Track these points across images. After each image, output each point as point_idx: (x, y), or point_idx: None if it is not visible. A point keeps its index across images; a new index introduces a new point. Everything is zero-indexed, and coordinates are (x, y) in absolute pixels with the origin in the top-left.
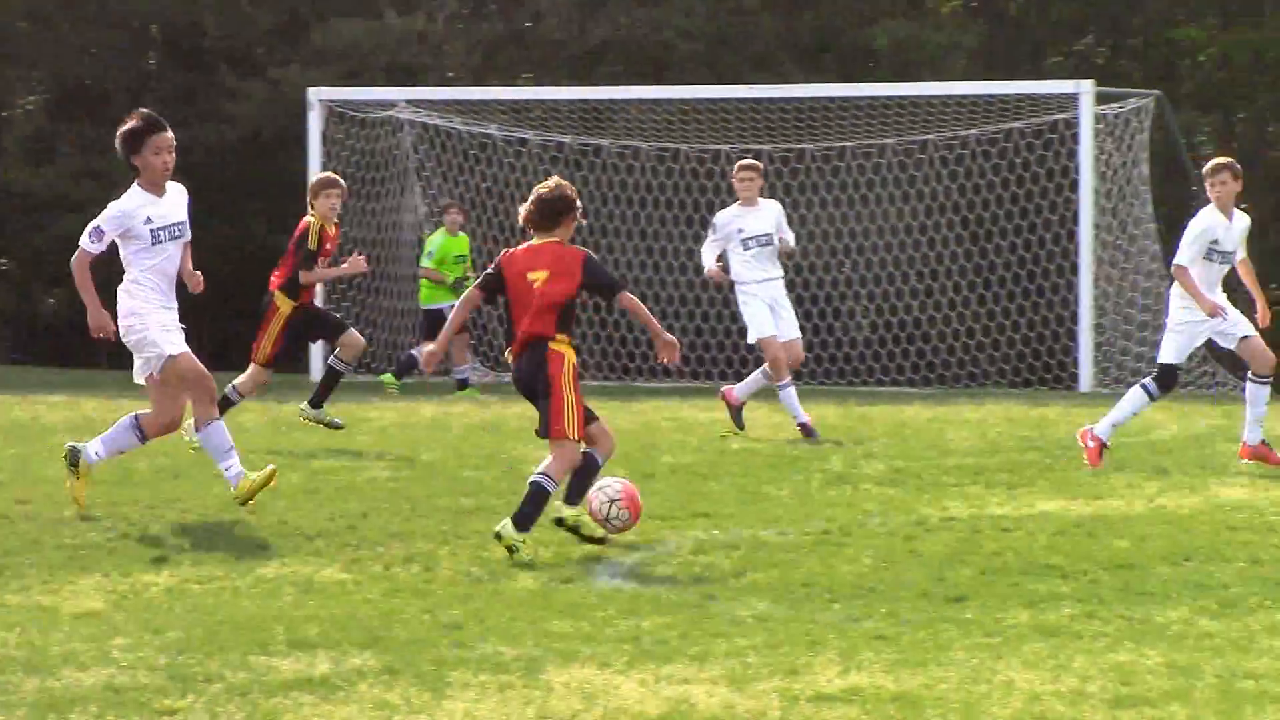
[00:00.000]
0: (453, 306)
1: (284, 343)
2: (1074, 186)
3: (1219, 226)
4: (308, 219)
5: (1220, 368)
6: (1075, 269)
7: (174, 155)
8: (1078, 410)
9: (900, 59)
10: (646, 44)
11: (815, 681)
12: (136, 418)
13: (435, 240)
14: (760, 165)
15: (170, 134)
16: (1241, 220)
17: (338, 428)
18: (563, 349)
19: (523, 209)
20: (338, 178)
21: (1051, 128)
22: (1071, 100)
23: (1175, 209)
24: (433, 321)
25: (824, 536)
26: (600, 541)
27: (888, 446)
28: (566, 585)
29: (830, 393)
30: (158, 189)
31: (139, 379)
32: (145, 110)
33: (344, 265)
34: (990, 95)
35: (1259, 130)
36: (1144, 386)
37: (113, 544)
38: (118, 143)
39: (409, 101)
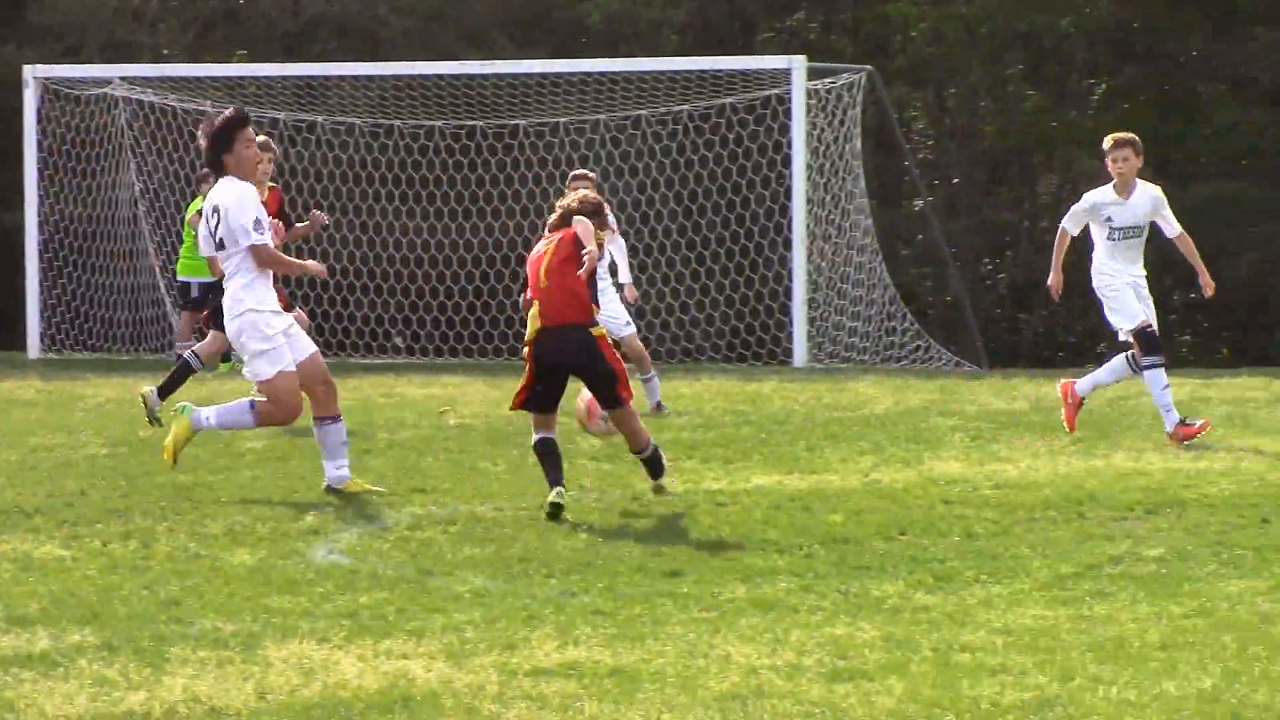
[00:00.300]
0: (212, 281)
1: None
2: (787, 162)
3: (1107, 204)
4: None
5: (934, 342)
6: (789, 244)
7: None
8: (791, 385)
9: (612, 34)
10: (359, 20)
11: (533, 656)
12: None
13: (196, 208)
14: (594, 176)
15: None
16: (1145, 195)
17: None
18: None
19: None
20: (267, 139)
21: (764, 103)
22: (784, 75)
23: (888, 184)
24: (185, 291)
25: (540, 512)
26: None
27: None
28: (284, 561)
29: None
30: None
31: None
32: (235, 106)
33: (302, 226)
34: (703, 71)
35: (971, 105)
36: (1127, 358)
37: None
38: (208, 140)
39: (124, 79)
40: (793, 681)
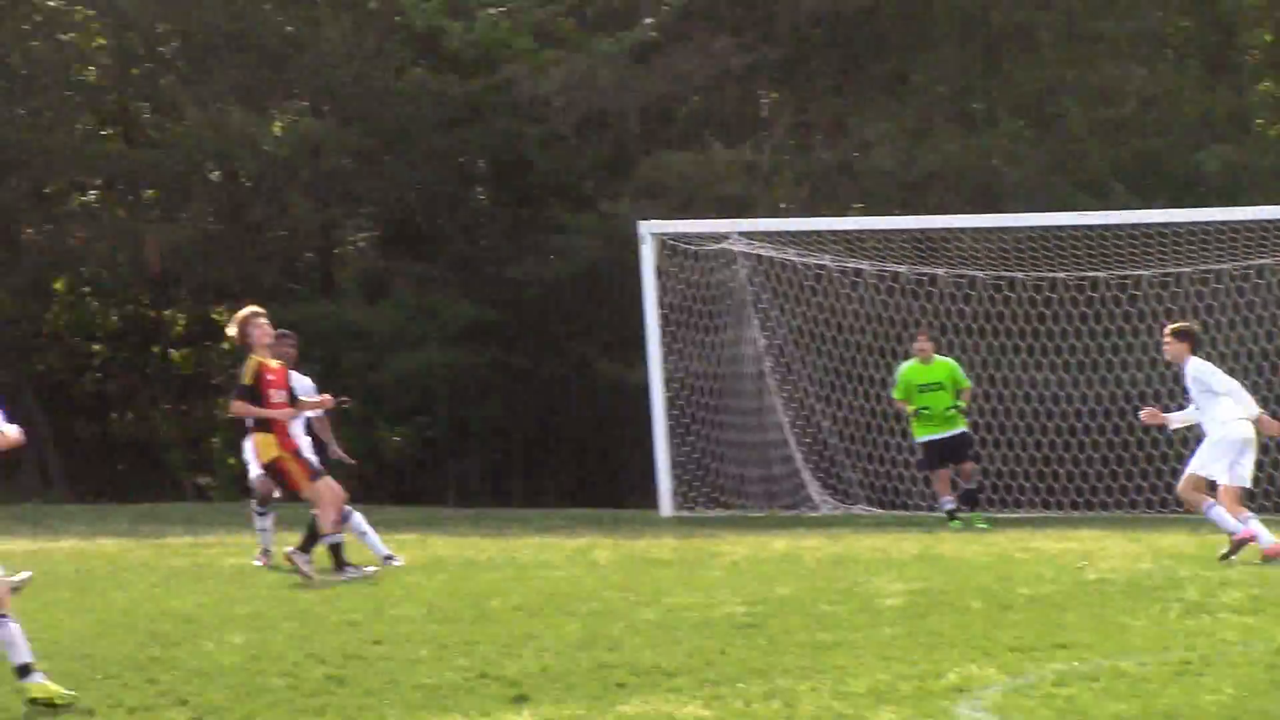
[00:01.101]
0: (946, 437)
1: None
2: None
3: None
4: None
5: None
6: None
7: None
8: None
9: (1229, 183)
10: (975, 171)
11: None
12: None
13: (899, 369)
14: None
15: None
16: None
17: None
18: None
19: None
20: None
21: None
22: None
23: None
24: (928, 452)
25: (1184, 666)
26: None
27: (1245, 574)
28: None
29: (1184, 521)
30: None
31: None
32: None
33: None
34: None
35: None
36: None
37: (470, 683)
38: None
39: (742, 233)
40: None
